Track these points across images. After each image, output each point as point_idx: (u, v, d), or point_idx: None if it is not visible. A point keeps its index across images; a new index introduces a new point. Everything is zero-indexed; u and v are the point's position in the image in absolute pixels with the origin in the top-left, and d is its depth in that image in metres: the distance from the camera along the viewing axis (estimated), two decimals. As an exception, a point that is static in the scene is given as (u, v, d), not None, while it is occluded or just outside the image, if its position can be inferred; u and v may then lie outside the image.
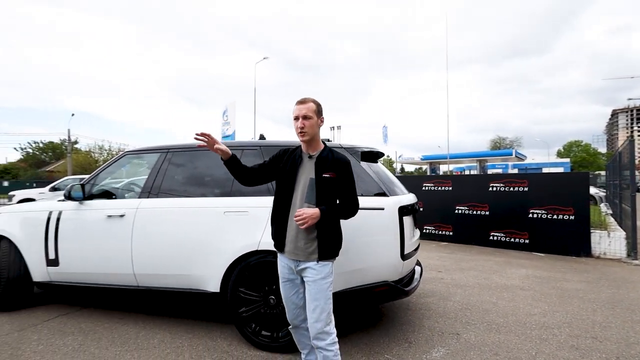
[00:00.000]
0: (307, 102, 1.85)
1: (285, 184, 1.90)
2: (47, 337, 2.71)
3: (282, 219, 1.89)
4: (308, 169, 1.87)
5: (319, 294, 1.77)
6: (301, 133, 1.82)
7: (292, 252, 1.84)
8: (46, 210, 3.20)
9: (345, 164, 1.88)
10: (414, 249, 2.77)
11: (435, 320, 3.05)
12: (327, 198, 1.83)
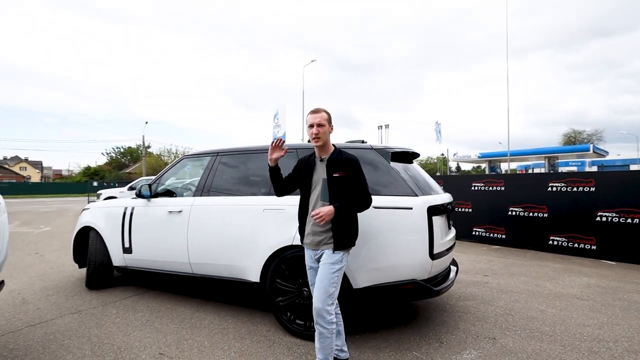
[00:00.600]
0: (320, 112, 2.11)
1: (304, 186, 2.18)
2: (123, 312, 3.24)
3: (303, 216, 2.20)
4: (321, 171, 2.13)
5: (325, 277, 1.99)
6: (315, 139, 2.08)
7: (311, 243, 2.11)
8: (122, 206, 3.81)
9: (353, 163, 2.07)
10: (446, 249, 2.75)
11: (472, 323, 2.98)
12: (339, 195, 2.04)
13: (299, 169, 2.24)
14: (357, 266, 2.51)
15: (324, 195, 2.06)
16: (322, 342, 1.98)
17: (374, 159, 2.79)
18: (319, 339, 1.99)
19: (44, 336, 2.73)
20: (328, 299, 1.96)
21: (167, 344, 2.59)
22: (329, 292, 1.97)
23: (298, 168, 2.25)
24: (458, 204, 7.33)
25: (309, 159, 2.21)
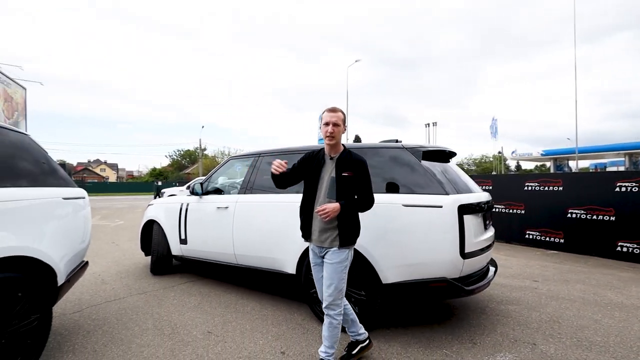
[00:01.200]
0: (337, 112, 2.15)
1: (311, 182, 2.19)
2: (179, 295, 3.68)
3: (308, 212, 2.20)
4: (330, 169, 2.15)
5: (334, 274, 2.08)
6: (329, 137, 2.10)
7: (317, 240, 2.14)
8: (179, 203, 4.29)
9: (361, 164, 2.13)
10: (480, 248, 2.69)
11: (512, 327, 2.86)
12: (346, 194, 2.08)
13: (305, 163, 2.24)
14: (387, 262, 2.58)
15: (330, 192, 2.09)
16: (331, 332, 2.10)
17: (405, 158, 2.83)
18: (329, 329, 2.10)
19: (118, 310, 3.22)
20: (339, 294, 2.08)
21: (214, 325, 2.91)
22: (339, 289, 2.08)
23: (305, 162, 2.24)
24: (509, 205, 6.89)
25: (317, 155, 2.23)
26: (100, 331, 2.78)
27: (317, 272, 2.23)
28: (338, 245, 2.08)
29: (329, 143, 2.13)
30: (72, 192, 2.64)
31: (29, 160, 2.38)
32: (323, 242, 2.11)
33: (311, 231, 2.18)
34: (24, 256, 2.01)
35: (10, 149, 2.26)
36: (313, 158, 2.23)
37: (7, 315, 1.89)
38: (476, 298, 3.60)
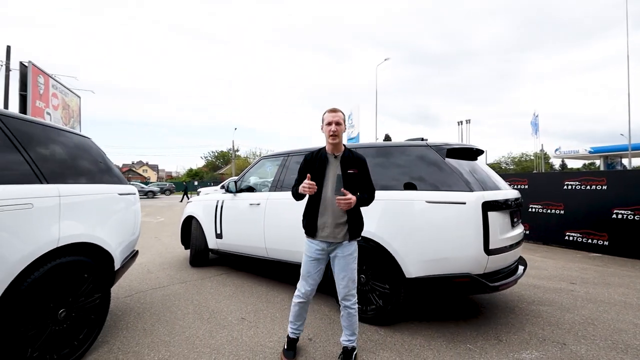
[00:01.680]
0: (338, 112, 2.22)
1: (316, 181, 2.15)
2: (215, 285, 3.97)
3: (314, 210, 2.23)
4: (334, 167, 2.20)
5: (347, 267, 2.19)
6: (333, 136, 2.15)
7: (328, 236, 2.18)
8: (215, 200, 4.61)
9: (363, 161, 2.25)
10: (507, 245, 2.68)
11: (541, 327, 2.81)
12: (351, 190, 2.13)
13: (309, 165, 2.26)
14: (410, 257, 2.65)
15: (338, 189, 2.10)
16: (351, 320, 2.22)
17: (429, 156, 2.88)
18: (348, 318, 2.22)
19: (162, 297, 3.56)
20: (353, 284, 2.21)
21: (247, 312, 3.14)
22: (352, 279, 2.21)
23: (308, 164, 2.26)
24: (547, 205, 6.58)
25: (318, 155, 2.25)
26: (148, 313, 3.10)
27: (314, 267, 2.24)
28: (349, 239, 2.20)
29: (332, 142, 2.18)
30: (125, 188, 2.99)
31: (89, 160, 2.74)
32: (335, 237, 2.18)
33: (317, 228, 2.21)
34: (88, 243, 2.33)
35: (74, 149, 2.61)
36: (315, 159, 2.26)
37: (76, 293, 2.22)
38: (505, 298, 3.55)
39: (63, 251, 2.14)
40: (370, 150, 3.25)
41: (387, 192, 2.91)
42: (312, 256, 2.25)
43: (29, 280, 1.89)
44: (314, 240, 2.24)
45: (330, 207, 2.19)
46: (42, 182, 2.09)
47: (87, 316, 2.32)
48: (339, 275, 2.22)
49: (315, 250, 2.23)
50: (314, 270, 2.26)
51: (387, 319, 2.78)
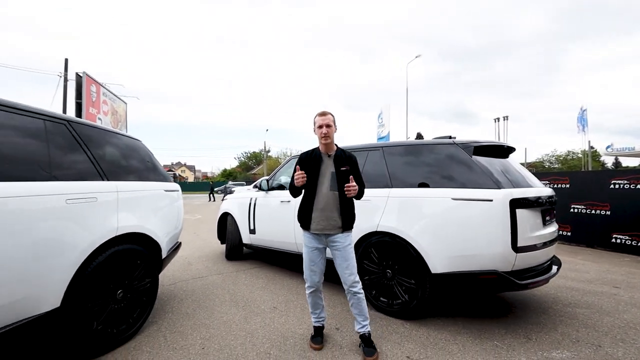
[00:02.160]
0: (328, 114, 2.39)
1: (312, 178, 2.36)
2: (249, 277, 4.22)
3: (309, 204, 2.39)
4: (329, 165, 2.39)
5: (349, 255, 2.36)
6: (324, 137, 2.35)
7: (324, 228, 2.35)
8: (248, 197, 4.88)
9: (354, 160, 2.46)
10: (537, 243, 2.63)
11: (576, 329, 2.73)
12: (344, 185, 2.32)
13: (305, 164, 2.41)
14: (435, 253, 2.69)
15: (332, 185, 2.34)
16: (361, 306, 2.35)
17: (456, 154, 2.90)
18: (358, 304, 2.34)
19: (202, 286, 3.87)
20: (355, 269, 2.37)
21: (278, 302, 3.34)
22: (354, 265, 2.37)
23: (304, 163, 2.41)
24: (590, 205, 6.20)
25: (313, 155, 2.43)
26: (190, 300, 3.40)
27: (316, 256, 2.42)
28: (342, 230, 2.37)
29: (324, 142, 2.37)
30: (170, 186, 3.30)
31: (139, 159, 3.06)
32: (330, 229, 2.35)
33: (311, 221, 2.38)
34: (140, 233, 2.64)
35: (127, 150, 2.94)
36: (310, 158, 2.43)
37: (131, 277, 2.53)
38: (539, 299, 3.45)
39: (120, 240, 2.45)
40: (397, 148, 3.32)
41: (413, 190, 2.97)
42: (312, 246, 2.42)
43: (94, 263, 2.19)
44: (309, 233, 2.42)
45: (323, 202, 2.36)
46: (104, 179, 2.40)
47: (140, 298, 2.63)
48: (342, 265, 2.37)
49: (313, 240, 2.42)
50: (317, 258, 2.42)
51: (413, 313, 2.84)
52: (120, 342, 2.42)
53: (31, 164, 1.93)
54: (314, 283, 2.44)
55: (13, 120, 1.93)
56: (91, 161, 2.36)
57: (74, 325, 2.07)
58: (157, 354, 2.32)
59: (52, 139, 2.10)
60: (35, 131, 2.02)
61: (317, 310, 2.51)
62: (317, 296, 2.48)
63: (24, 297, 1.79)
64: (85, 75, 14.63)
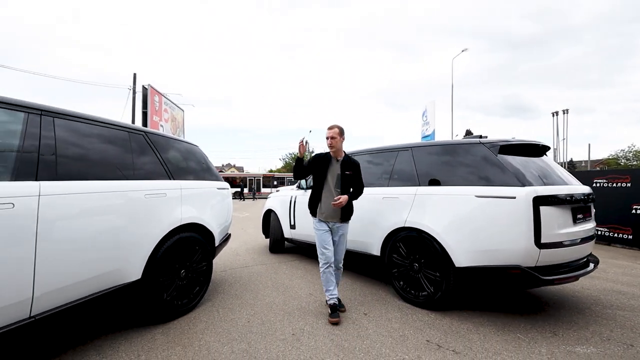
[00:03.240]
0: (334, 128, 2.99)
1: (321, 177, 3.02)
2: (289, 268, 4.64)
3: (317, 197, 3.04)
4: (336, 168, 3.01)
5: (343, 241, 3.09)
6: (330, 147, 2.97)
7: (327, 217, 3.00)
8: (289, 195, 5.31)
9: (357, 165, 3.08)
10: (566, 240, 2.65)
11: (610, 329, 2.69)
12: (346, 186, 3.01)
13: (316, 162, 3.03)
14: (459, 247, 2.83)
15: (337, 184, 2.98)
16: (339, 277, 3.12)
17: (481, 152, 3.00)
18: (340, 276, 3.12)
19: (248, 274, 4.36)
20: (343, 254, 3.11)
21: (314, 290, 3.69)
22: (345, 250, 3.12)
23: (316, 161, 3.03)
24: (655, 206, 5.65)
25: (325, 157, 3.02)
26: (238, 284, 3.89)
27: (328, 236, 2.99)
28: (341, 221, 3.02)
29: (331, 150, 2.99)
30: (221, 184, 3.82)
31: (195, 162, 3.59)
32: (334, 219, 3.00)
33: (317, 210, 3.03)
34: (198, 224, 3.15)
35: (186, 153, 3.49)
36: (323, 159, 3.04)
37: (191, 260, 3.05)
38: (578, 299, 3.38)
39: (183, 229, 2.97)
40: (426, 148, 3.48)
41: (438, 187, 3.13)
42: (322, 229, 3.01)
43: (164, 246, 2.72)
44: (317, 219, 3.05)
45: (329, 196, 2.97)
46: (170, 178, 2.94)
47: (198, 278, 3.14)
48: (337, 247, 3.07)
49: (323, 225, 3.02)
50: (328, 238, 2.99)
51: (437, 304, 3.00)
52: (183, 312, 2.94)
53: (121, 166, 2.50)
54: (327, 259, 2.94)
55: (110, 133, 2.51)
56: (161, 164, 2.92)
57: (150, 295, 2.61)
58: (211, 324, 2.79)
59: (134, 147, 2.67)
60: (123, 141, 2.60)
61: (330, 287, 2.96)
62: (329, 272, 2.96)
63: (119, 268, 2.35)
64: (150, 87, 16.43)
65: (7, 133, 1.88)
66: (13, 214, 1.75)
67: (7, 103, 1.92)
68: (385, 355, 2.28)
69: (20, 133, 1.92)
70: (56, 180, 2.00)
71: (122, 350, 2.33)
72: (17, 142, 1.89)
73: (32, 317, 1.86)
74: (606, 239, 6.51)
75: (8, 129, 1.89)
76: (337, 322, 2.78)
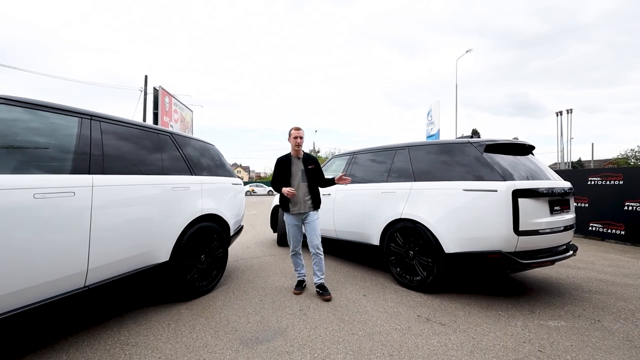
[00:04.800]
0: (300, 130, 3.35)
1: (287, 175, 3.36)
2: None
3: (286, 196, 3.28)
4: (299, 165, 3.38)
5: (316, 227, 3.36)
6: (298, 146, 3.31)
7: (300, 209, 3.33)
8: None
9: (316, 160, 3.48)
10: (542, 229, 2.97)
11: (583, 308, 3.00)
12: (312, 178, 3.38)
13: (281, 165, 3.38)
14: (448, 235, 3.18)
15: (303, 178, 3.35)
16: (320, 264, 3.36)
17: (469, 151, 3.33)
18: (319, 262, 3.35)
19: (258, 263, 4.75)
20: (319, 237, 3.36)
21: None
22: (319, 235, 3.37)
23: (281, 165, 3.38)
24: (646, 202, 5.90)
25: (286, 158, 3.39)
26: (249, 272, 4.28)
27: (295, 230, 3.43)
28: (313, 209, 3.38)
29: (297, 149, 3.34)
30: (235, 180, 4.20)
31: (210, 159, 3.97)
32: (305, 209, 3.35)
33: (290, 205, 3.35)
34: (216, 214, 3.54)
35: (203, 151, 3.87)
36: (285, 161, 3.39)
37: (210, 246, 3.43)
38: (560, 286, 3.69)
39: (203, 218, 3.36)
40: (421, 147, 3.81)
41: (431, 182, 3.47)
42: (293, 223, 3.41)
43: (187, 234, 3.11)
44: (290, 214, 3.39)
45: (299, 190, 3.30)
46: (192, 174, 3.34)
47: (215, 263, 3.53)
48: (311, 234, 3.34)
49: (293, 219, 3.40)
50: (297, 232, 3.45)
51: (430, 287, 3.34)
52: (203, 293, 3.33)
53: (153, 163, 2.89)
54: (295, 248, 3.50)
55: (145, 134, 2.91)
56: (185, 161, 3.31)
57: (176, 274, 3.00)
58: (228, 302, 3.18)
59: (163, 146, 3.07)
60: (155, 141, 3.00)
61: (298, 268, 3.57)
62: (297, 257, 3.54)
63: (151, 250, 2.74)
64: (161, 88, 16.96)
65: (65, 134, 2.28)
66: (74, 200, 2.14)
67: (64, 110, 2.33)
68: (380, 326, 2.64)
69: (75, 135, 2.32)
70: (104, 175, 2.39)
71: (154, 320, 2.73)
72: (73, 141, 2.29)
73: (86, 287, 2.26)
74: (600, 234, 6.76)
75: (66, 131, 2.29)
76: (299, 294, 3.37)
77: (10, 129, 2.01)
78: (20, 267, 1.88)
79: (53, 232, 2.04)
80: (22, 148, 2.04)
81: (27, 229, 1.92)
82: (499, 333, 2.51)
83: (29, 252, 1.92)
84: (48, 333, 2.47)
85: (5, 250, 1.82)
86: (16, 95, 2.10)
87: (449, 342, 2.37)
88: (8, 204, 1.84)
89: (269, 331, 2.55)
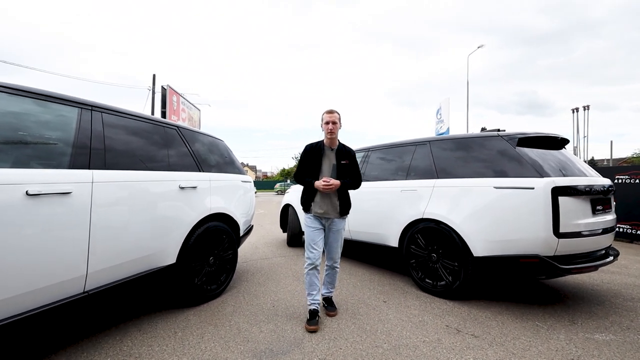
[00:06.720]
0: (334, 112, 2.67)
1: (315, 168, 2.68)
2: (308, 260, 4.79)
3: (311, 191, 2.70)
4: (331, 157, 2.71)
5: (340, 237, 2.77)
6: (330, 133, 2.63)
7: (323, 213, 2.66)
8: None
9: (353, 155, 2.78)
10: (584, 231, 2.68)
11: (630, 319, 2.71)
12: (343, 177, 2.68)
13: (310, 154, 2.72)
14: (477, 237, 2.91)
15: (333, 175, 2.66)
16: (334, 277, 2.88)
17: (500, 145, 3.06)
18: (333, 275, 2.86)
19: (268, 265, 4.53)
20: (340, 250, 2.82)
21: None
22: (342, 247, 2.82)
23: (309, 154, 2.72)
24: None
25: (316, 146, 2.71)
26: (260, 274, 4.06)
27: (317, 235, 2.66)
28: (339, 216, 2.71)
29: (330, 137, 2.66)
30: (245, 177, 3.99)
31: (219, 155, 3.76)
32: (330, 214, 2.67)
33: (312, 205, 2.70)
34: (225, 214, 3.33)
35: (212, 147, 3.65)
36: (316, 149, 2.72)
37: (219, 248, 3.22)
38: (597, 292, 3.39)
39: (212, 218, 3.15)
40: (444, 142, 3.55)
41: (456, 180, 3.20)
42: (314, 227, 2.68)
43: (195, 234, 2.90)
44: (311, 215, 2.72)
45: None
46: (200, 170, 3.13)
47: (225, 266, 3.32)
48: (333, 245, 2.76)
49: (315, 222, 2.69)
50: (317, 237, 2.66)
51: (455, 293, 3.08)
52: (212, 297, 3.12)
53: (159, 159, 2.69)
54: (313, 258, 2.63)
55: (151, 127, 2.71)
56: (192, 156, 3.10)
57: (183, 278, 2.79)
58: (239, 307, 2.96)
59: (170, 141, 2.87)
60: (162, 135, 2.79)
61: (313, 292, 2.66)
62: (314, 275, 2.67)
63: (157, 252, 2.54)
64: (169, 87, 16.91)
65: (64, 125, 2.08)
66: (71, 197, 1.94)
67: (64, 99, 2.13)
68: (406, 337, 2.39)
69: (74, 126, 2.12)
70: (106, 170, 2.19)
71: (160, 328, 2.52)
72: (72, 133, 2.09)
73: (86, 292, 2.06)
74: (629, 236, 6.39)
75: (65, 122, 2.10)
76: (315, 330, 2.48)
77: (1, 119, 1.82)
78: (5, 272, 1.68)
79: (48, 232, 1.84)
80: (15, 140, 1.84)
81: (18, 230, 1.72)
82: (542, 348, 2.24)
83: (18, 256, 1.72)
84: (43, 343, 2.28)
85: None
86: (7, 82, 1.91)
87: (487, 358, 2.11)
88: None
89: (283, 342, 2.33)
